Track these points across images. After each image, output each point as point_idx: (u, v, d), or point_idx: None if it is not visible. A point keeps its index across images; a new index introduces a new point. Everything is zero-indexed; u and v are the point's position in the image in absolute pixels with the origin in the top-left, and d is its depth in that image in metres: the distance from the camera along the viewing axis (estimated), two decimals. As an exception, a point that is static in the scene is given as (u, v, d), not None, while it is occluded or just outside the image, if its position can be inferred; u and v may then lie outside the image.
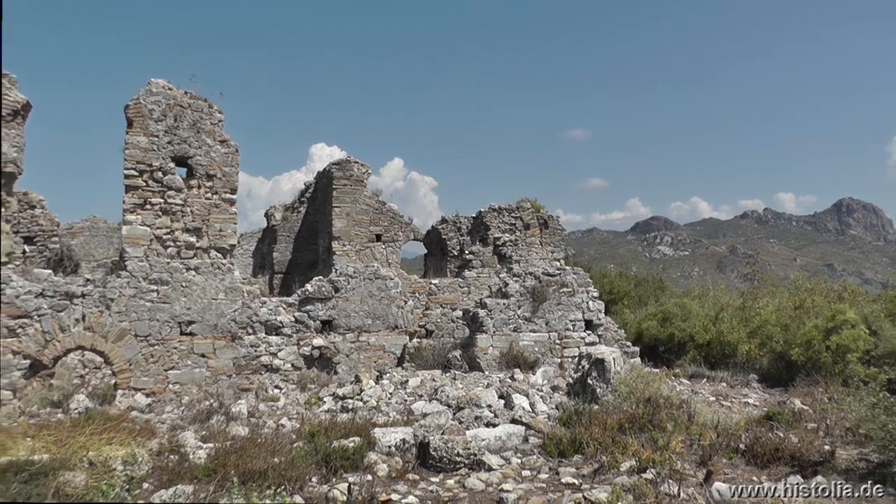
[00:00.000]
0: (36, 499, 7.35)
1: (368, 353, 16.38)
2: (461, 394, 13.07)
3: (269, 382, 15.06)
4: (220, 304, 15.02)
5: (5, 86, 14.31)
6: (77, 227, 28.32)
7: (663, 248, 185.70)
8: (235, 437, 10.01)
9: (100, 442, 9.08)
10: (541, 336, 16.91)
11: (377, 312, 16.62)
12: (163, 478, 8.10)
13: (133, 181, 14.63)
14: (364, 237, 22.34)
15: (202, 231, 14.96)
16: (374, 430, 10.01)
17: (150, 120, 14.81)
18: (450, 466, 9.25)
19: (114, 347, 14.22)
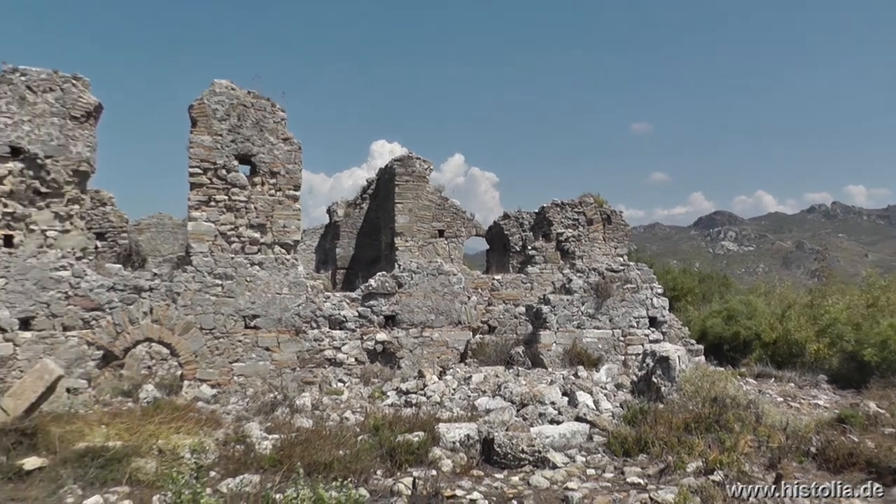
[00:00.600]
0: (112, 483, 7.57)
1: (432, 349, 16.41)
2: (524, 390, 13.00)
3: (333, 376, 15.22)
4: (284, 298, 15.24)
5: (78, 88, 14.71)
6: (144, 223, 28.94)
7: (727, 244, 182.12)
8: (300, 429, 10.08)
9: (168, 430, 9.27)
10: (604, 333, 16.76)
11: (440, 308, 16.64)
12: (229, 467, 8.22)
13: (198, 179, 14.95)
14: (426, 233, 22.39)
15: (266, 227, 15.20)
16: (439, 425, 9.98)
17: (213, 119, 15.08)
18: (514, 463, 9.18)
19: (180, 340, 14.54)
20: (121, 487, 7.51)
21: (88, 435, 8.93)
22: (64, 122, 14.55)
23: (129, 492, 7.39)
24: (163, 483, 7.30)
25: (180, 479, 6.12)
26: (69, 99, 14.65)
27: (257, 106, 15.47)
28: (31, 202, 14.38)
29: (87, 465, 7.88)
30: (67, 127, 14.58)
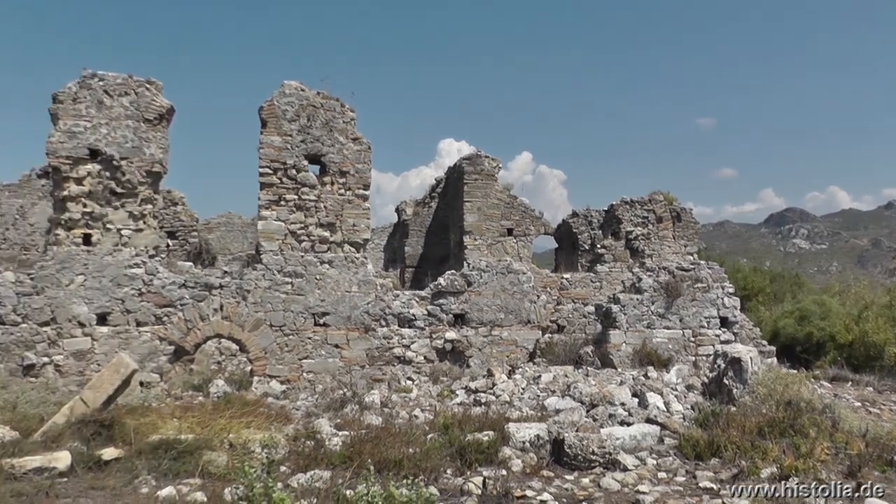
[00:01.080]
0: (184, 475, 7.70)
1: (501, 348, 16.34)
2: (594, 391, 12.83)
3: (402, 374, 15.27)
4: (354, 296, 15.34)
5: (152, 92, 15.03)
6: (214, 222, 29.52)
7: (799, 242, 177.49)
8: (370, 427, 10.07)
9: (239, 425, 9.37)
10: (674, 333, 16.47)
11: (510, 307, 16.55)
12: (299, 462, 8.25)
13: (268, 179, 15.16)
14: (495, 231, 22.33)
15: (336, 226, 15.33)
16: (508, 424, 9.89)
17: (283, 120, 15.27)
18: (584, 465, 9.05)
19: (250, 336, 14.76)
20: (193, 479, 7.60)
21: (162, 427, 9.09)
22: (138, 125, 14.90)
23: (202, 484, 7.47)
24: (234, 476, 7.37)
25: (252, 472, 6.16)
26: (143, 102, 14.99)
27: (326, 106, 15.61)
28: (107, 202, 14.77)
29: (160, 457, 8.03)
30: (141, 129, 14.92)
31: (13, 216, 27.53)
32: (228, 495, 6.85)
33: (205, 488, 7.30)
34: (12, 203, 27.54)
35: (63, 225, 14.75)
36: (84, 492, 7.32)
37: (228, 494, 6.87)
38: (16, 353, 14.29)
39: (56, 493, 7.17)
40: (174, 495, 7.09)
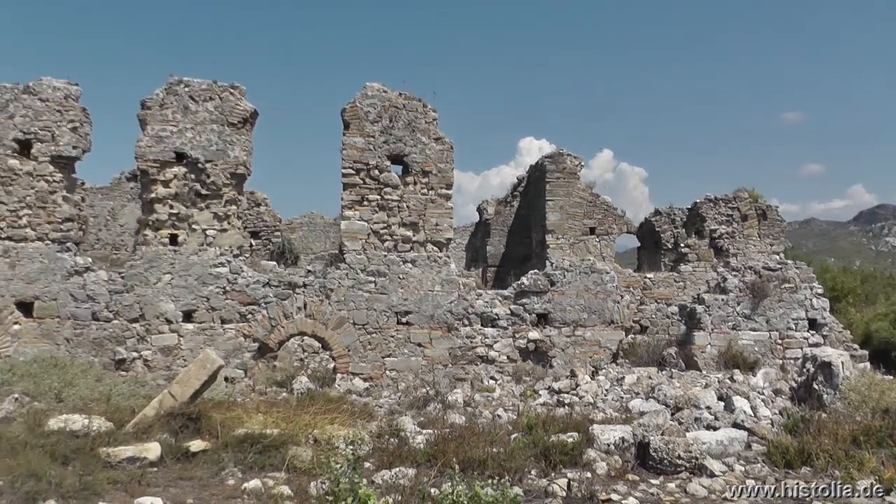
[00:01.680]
0: (269, 469, 7.76)
1: (584, 348, 16.12)
2: (678, 393, 12.53)
3: (485, 373, 15.20)
4: (437, 295, 15.34)
5: (235, 96, 15.31)
6: (296, 222, 29.94)
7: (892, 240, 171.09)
8: (453, 425, 10.02)
9: (323, 421, 9.41)
10: (761, 335, 16.00)
11: (593, 307, 16.32)
12: (383, 459, 8.22)
13: (350, 179, 15.29)
14: (577, 230, 22.06)
15: (419, 225, 15.36)
16: (593, 426, 9.70)
17: (365, 121, 15.38)
18: (670, 469, 8.80)
19: (333, 334, 14.89)
20: (278, 473, 7.65)
21: (247, 422, 9.19)
22: (222, 129, 15.23)
23: (287, 478, 7.53)
24: (319, 471, 7.39)
25: (338, 468, 6.15)
26: (227, 107, 15.31)
27: (409, 107, 15.67)
28: (193, 203, 15.14)
29: (246, 450, 8.12)
30: (225, 133, 15.23)
31: (104, 217, 28.45)
32: (314, 489, 6.86)
33: (290, 482, 7.34)
34: (104, 205, 28.51)
35: (151, 226, 15.17)
36: (173, 481, 7.47)
37: (314, 489, 6.89)
38: (108, 347, 14.79)
39: (147, 481, 7.34)
40: (260, 487, 7.15)
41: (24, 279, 15.12)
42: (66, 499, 6.72)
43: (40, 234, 15.21)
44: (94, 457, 7.72)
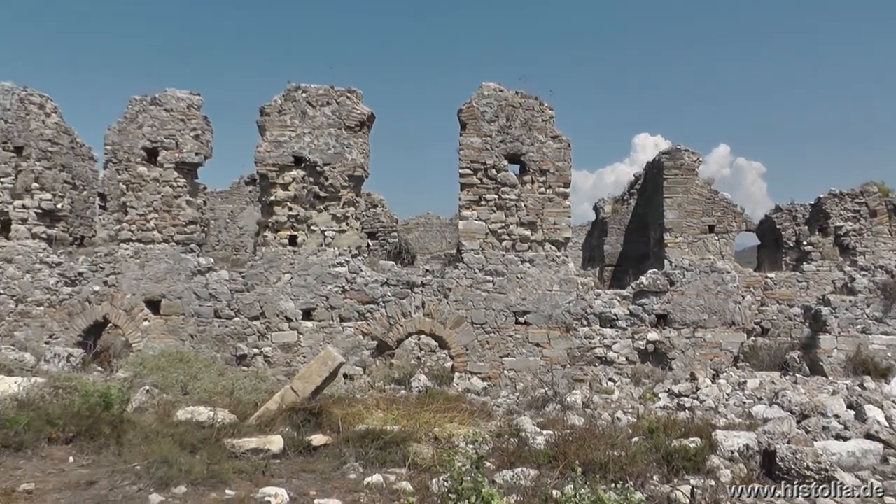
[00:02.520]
0: (390, 465, 7.78)
1: (704, 350, 15.60)
2: (804, 400, 11.94)
3: (603, 375, 14.90)
4: (555, 295, 15.14)
5: (352, 100, 15.51)
6: (412, 223, 30.21)
7: None
8: (573, 427, 9.82)
9: (443, 419, 9.38)
10: (894, 339, 15.16)
11: (713, 307, 15.79)
12: (503, 459, 8.11)
13: (468, 179, 15.26)
14: (696, 228, 21.43)
15: (536, 225, 15.20)
16: (716, 432, 9.34)
17: (482, 121, 15.34)
18: (797, 480, 8.39)
19: (451, 333, 14.88)
20: (399, 469, 7.65)
21: (367, 418, 9.26)
22: (340, 132, 15.45)
23: (408, 474, 7.51)
24: (440, 469, 7.35)
25: (460, 466, 6.08)
26: (344, 111, 15.53)
27: (525, 105, 15.53)
28: (311, 205, 15.43)
29: (367, 446, 8.17)
30: (343, 136, 15.45)
31: (224, 220, 29.53)
32: (435, 487, 6.81)
33: (412, 479, 7.32)
34: (224, 208, 29.63)
35: (271, 227, 15.55)
36: (296, 473, 7.59)
37: (435, 486, 6.83)
38: (230, 344, 15.23)
39: (271, 472, 7.50)
40: (381, 483, 7.16)
41: (152, 279, 15.77)
42: (196, 485, 6.95)
43: (166, 236, 15.85)
44: (219, 447, 7.97)
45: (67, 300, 16.11)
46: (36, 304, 16.19)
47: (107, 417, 8.74)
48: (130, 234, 15.93)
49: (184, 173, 16.07)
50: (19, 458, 7.74)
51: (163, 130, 15.98)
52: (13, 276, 16.31)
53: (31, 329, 16.11)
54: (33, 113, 16.77)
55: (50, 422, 8.44)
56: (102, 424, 8.48)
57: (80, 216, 19.61)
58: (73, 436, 8.31)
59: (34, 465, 7.58)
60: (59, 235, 17.20)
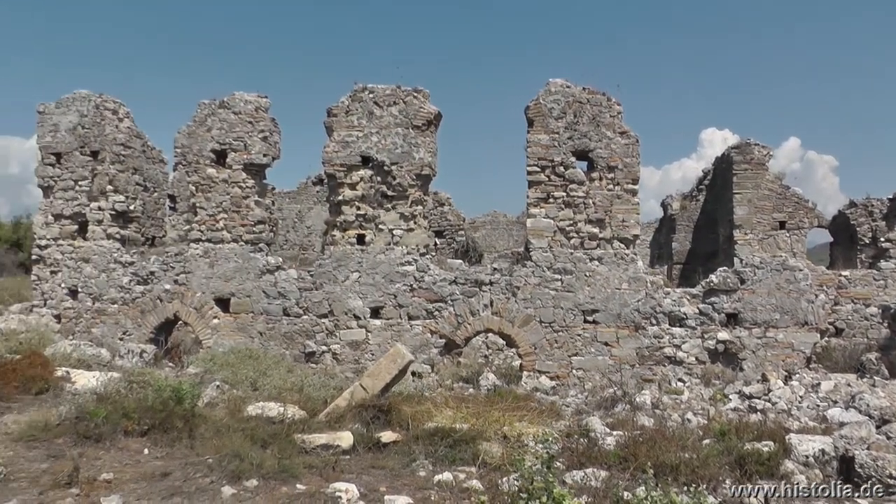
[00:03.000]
0: (460, 463, 7.77)
1: (776, 351, 15.21)
2: (884, 404, 11.53)
3: (672, 375, 14.65)
4: (623, 293, 14.94)
5: (419, 100, 15.55)
6: (479, 221, 30.23)
7: None
8: (643, 428, 9.67)
9: (511, 418, 9.34)
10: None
11: (785, 306, 15.38)
12: (573, 459, 8.05)
13: (536, 177, 15.17)
14: (766, 225, 20.95)
15: (605, 222, 15.03)
16: (789, 435, 9.10)
17: (549, 118, 15.23)
18: (879, 489, 8.09)
19: (519, 332, 14.82)
20: (468, 467, 7.65)
21: (436, 416, 9.28)
22: (407, 132, 15.51)
23: (477, 473, 7.49)
24: (510, 468, 7.31)
25: (531, 466, 6.03)
26: (411, 110, 15.58)
27: (593, 101, 15.37)
28: (379, 205, 15.54)
29: (436, 444, 8.20)
30: (410, 136, 15.50)
31: (292, 220, 30.02)
32: (505, 486, 6.77)
33: (481, 477, 7.30)
34: (291, 208, 30.16)
35: (339, 226, 15.70)
36: (366, 469, 7.66)
37: (505, 485, 6.79)
38: (299, 341, 15.43)
39: (341, 468, 7.58)
40: (451, 480, 7.16)
41: (222, 277, 16.05)
42: (267, 479, 7.08)
43: (235, 235, 16.13)
44: (289, 442, 8.11)
45: (140, 298, 16.54)
46: (111, 301, 16.68)
47: (179, 411, 9.02)
48: (200, 234, 16.26)
49: (252, 174, 16.32)
50: (99, 448, 8.08)
51: (231, 133, 16.26)
52: (90, 274, 16.87)
53: (106, 326, 16.61)
54: (108, 119, 17.30)
55: (126, 415, 8.76)
56: (175, 418, 8.79)
57: (151, 217, 20.13)
58: (148, 429, 8.62)
59: (112, 456, 7.88)
60: (132, 236, 17.67)
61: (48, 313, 16.91)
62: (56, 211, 17.25)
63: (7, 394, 10.38)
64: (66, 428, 8.52)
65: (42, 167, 17.43)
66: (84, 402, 9.44)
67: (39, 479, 7.06)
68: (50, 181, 17.35)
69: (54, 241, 17.28)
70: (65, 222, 17.23)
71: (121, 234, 17.28)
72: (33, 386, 10.75)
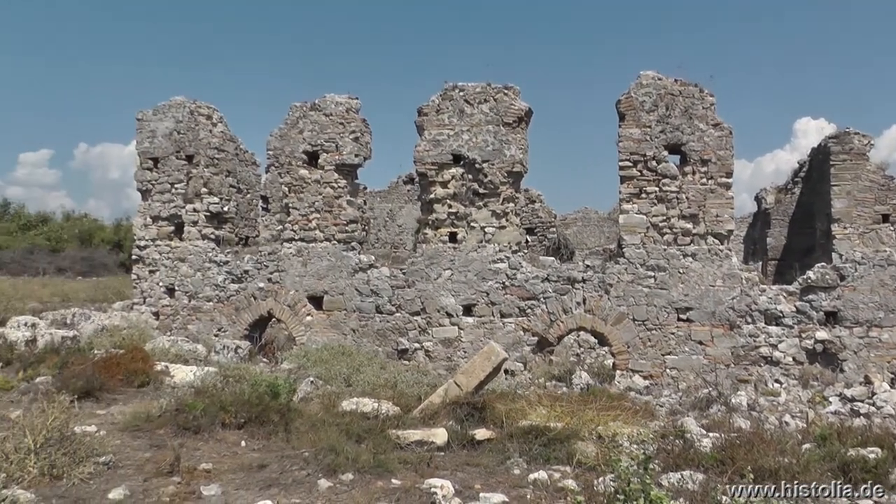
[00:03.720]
0: (554, 462, 7.77)
1: (880, 352, 14.58)
2: None
3: (769, 375, 14.24)
4: (718, 291, 14.59)
5: (509, 97, 15.55)
6: (570, 217, 30.06)
7: None
8: (740, 430, 9.46)
9: (606, 417, 9.26)
10: None
11: (890, 304, 14.70)
12: (668, 460, 7.94)
13: (628, 172, 14.97)
14: (868, 218, 20.05)
15: (698, 217, 14.71)
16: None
17: (641, 112, 15.01)
18: None
19: (612, 330, 14.66)
20: (563, 467, 7.65)
21: (530, 414, 9.28)
22: (497, 129, 15.52)
23: (572, 472, 7.46)
24: (605, 468, 7.25)
25: (628, 467, 5.97)
26: (501, 107, 15.57)
27: (685, 93, 15.07)
28: (470, 202, 15.58)
29: (531, 442, 8.21)
30: (501, 133, 15.50)
31: (383, 218, 30.43)
32: (600, 487, 6.71)
33: (576, 477, 7.26)
34: (383, 207, 30.60)
35: (430, 225, 15.83)
36: (460, 466, 7.73)
37: (600, 486, 6.74)
38: (391, 338, 15.62)
39: (436, 464, 7.68)
40: (546, 479, 7.15)
41: (315, 276, 16.36)
42: (362, 473, 7.22)
43: (327, 235, 16.42)
44: (384, 438, 8.29)
45: (234, 296, 16.98)
46: (206, 299, 17.19)
47: (275, 406, 9.32)
48: (293, 234, 16.60)
49: (344, 174, 16.57)
50: (198, 439, 8.50)
51: (323, 134, 16.55)
52: (186, 273, 17.42)
53: (201, 323, 17.13)
54: (202, 124, 17.83)
55: (223, 408, 9.09)
56: (271, 412, 9.13)
57: (244, 218, 20.70)
58: (245, 421, 8.94)
59: (211, 447, 8.26)
60: (226, 236, 18.17)
61: (147, 311, 17.54)
62: (154, 213, 17.88)
63: (112, 386, 10.95)
64: (166, 419, 8.99)
65: (140, 171, 18.09)
66: (183, 395, 9.90)
67: (143, 467, 7.42)
68: (148, 185, 17.99)
69: (152, 242, 17.90)
70: (162, 224, 17.83)
71: (215, 235, 17.78)
72: (135, 379, 11.35)
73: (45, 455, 7.02)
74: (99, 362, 11.66)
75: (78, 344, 13.72)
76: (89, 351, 13.09)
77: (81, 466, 7.05)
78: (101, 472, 7.16)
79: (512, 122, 15.58)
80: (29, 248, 38.77)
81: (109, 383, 10.90)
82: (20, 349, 13.02)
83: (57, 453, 7.08)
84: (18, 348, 13.07)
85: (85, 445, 7.47)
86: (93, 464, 7.19)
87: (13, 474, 6.66)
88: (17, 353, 12.76)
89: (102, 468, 7.25)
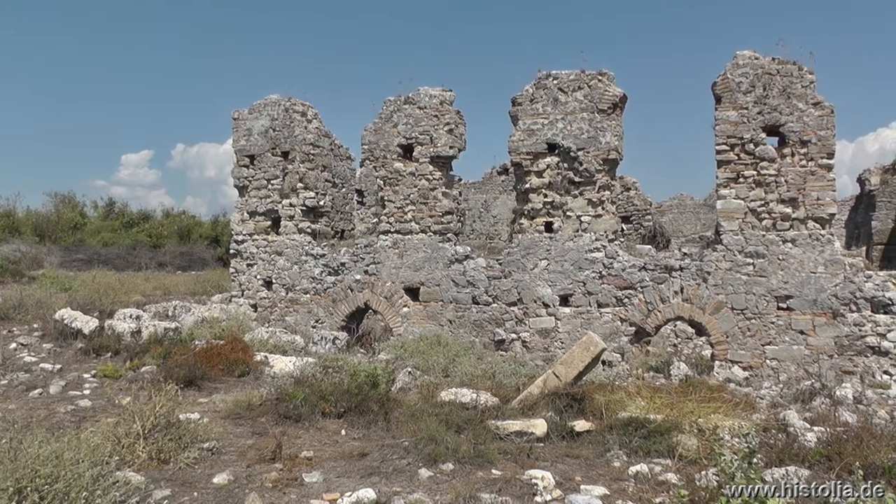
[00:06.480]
0: (654, 455, 7.74)
1: None
2: None
3: (877, 367, 13.70)
4: (819, 277, 14.14)
5: (604, 83, 15.41)
6: (666, 205, 29.60)
7: None
8: (847, 425, 9.15)
9: (706, 409, 9.14)
10: None
11: None
12: (771, 455, 7.77)
13: (725, 156, 14.64)
14: None
15: (798, 201, 14.27)
16: None
17: (738, 93, 14.66)
18: None
19: (711, 319, 14.39)
20: (663, 460, 7.60)
21: (629, 405, 9.24)
22: (592, 116, 15.39)
23: (673, 465, 7.41)
24: (707, 462, 7.20)
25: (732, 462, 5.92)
26: (596, 94, 15.43)
27: (783, 72, 14.61)
28: (566, 191, 15.51)
29: (630, 434, 8.20)
30: (595, 120, 15.37)
31: (478, 209, 30.63)
32: (702, 481, 6.67)
33: (678, 470, 7.22)
34: (477, 198, 30.83)
35: (526, 215, 15.84)
36: (560, 458, 7.79)
37: (702, 480, 6.69)
38: (488, 329, 15.71)
39: (535, 455, 7.75)
40: (647, 473, 7.14)
41: (411, 267, 16.57)
42: (462, 463, 7.35)
43: (423, 226, 16.60)
44: (483, 428, 8.40)
45: (331, 288, 17.35)
46: (303, 291, 17.64)
47: (374, 396, 9.57)
48: (389, 227, 16.84)
49: (438, 166, 16.73)
50: (298, 428, 8.82)
51: (417, 127, 16.72)
52: (283, 266, 17.90)
53: (299, 314, 17.57)
54: (297, 120, 18.23)
55: (323, 398, 9.39)
56: (370, 402, 9.40)
57: (339, 211, 21.09)
58: (344, 411, 9.23)
59: (311, 436, 8.56)
60: (322, 230, 18.53)
61: (245, 303, 18.10)
62: (251, 208, 18.42)
63: (214, 375, 11.43)
64: (267, 408, 9.39)
65: (237, 168, 18.66)
66: (283, 384, 10.27)
67: (246, 454, 7.75)
68: (245, 181, 18.54)
69: (250, 237, 18.48)
70: (259, 219, 18.37)
71: (311, 229, 18.17)
72: (236, 369, 11.80)
73: (153, 440, 7.46)
74: (200, 352, 12.18)
75: (180, 335, 14.26)
76: (190, 342, 13.65)
77: (187, 451, 7.45)
78: (206, 458, 7.53)
79: (607, 108, 15.43)
80: (132, 245, 40.32)
81: (211, 373, 11.36)
82: (126, 340, 13.63)
83: (164, 439, 7.51)
84: (125, 339, 13.67)
85: (190, 432, 7.88)
86: (197, 449, 7.57)
87: (125, 457, 7.08)
88: (124, 343, 13.36)
89: (207, 454, 7.62)
